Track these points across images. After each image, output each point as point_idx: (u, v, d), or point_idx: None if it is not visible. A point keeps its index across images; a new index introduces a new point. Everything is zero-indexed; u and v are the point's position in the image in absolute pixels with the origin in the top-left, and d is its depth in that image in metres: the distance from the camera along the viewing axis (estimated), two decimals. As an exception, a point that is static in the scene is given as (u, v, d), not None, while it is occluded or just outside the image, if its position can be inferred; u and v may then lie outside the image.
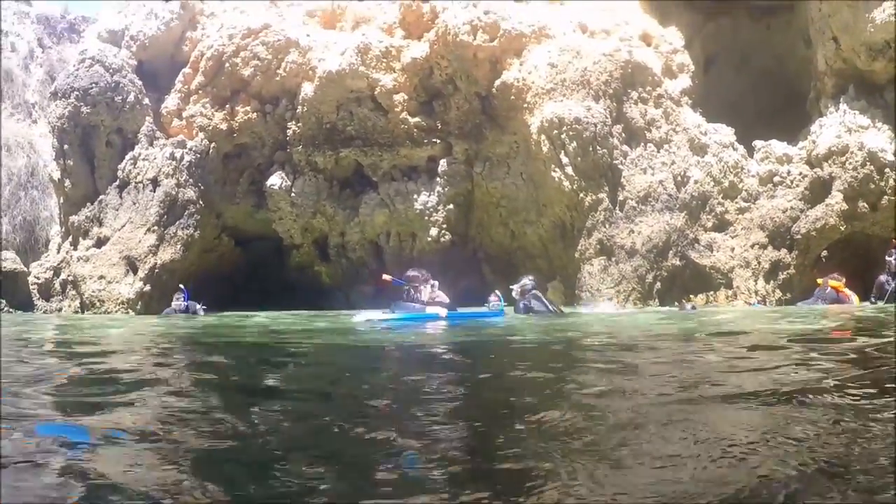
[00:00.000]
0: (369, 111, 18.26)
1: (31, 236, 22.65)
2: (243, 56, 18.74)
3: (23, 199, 23.07)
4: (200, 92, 18.97)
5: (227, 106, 18.88)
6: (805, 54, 17.84)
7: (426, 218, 17.97)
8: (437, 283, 12.74)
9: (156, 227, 18.03)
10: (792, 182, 17.06)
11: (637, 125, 17.27)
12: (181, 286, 16.36)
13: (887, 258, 14.92)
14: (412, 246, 18.22)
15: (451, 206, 17.95)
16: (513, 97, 17.39)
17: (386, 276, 13.18)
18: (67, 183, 18.62)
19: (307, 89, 18.40)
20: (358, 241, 18.54)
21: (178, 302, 15.84)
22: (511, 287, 13.88)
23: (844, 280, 14.79)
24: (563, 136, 16.57)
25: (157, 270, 17.93)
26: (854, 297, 14.60)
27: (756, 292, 16.88)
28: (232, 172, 19.23)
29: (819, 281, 14.95)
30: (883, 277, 14.86)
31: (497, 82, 17.59)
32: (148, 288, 17.77)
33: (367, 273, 18.43)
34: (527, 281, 13.61)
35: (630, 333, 8.34)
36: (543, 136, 16.83)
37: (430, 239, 17.97)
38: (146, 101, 18.91)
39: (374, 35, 18.45)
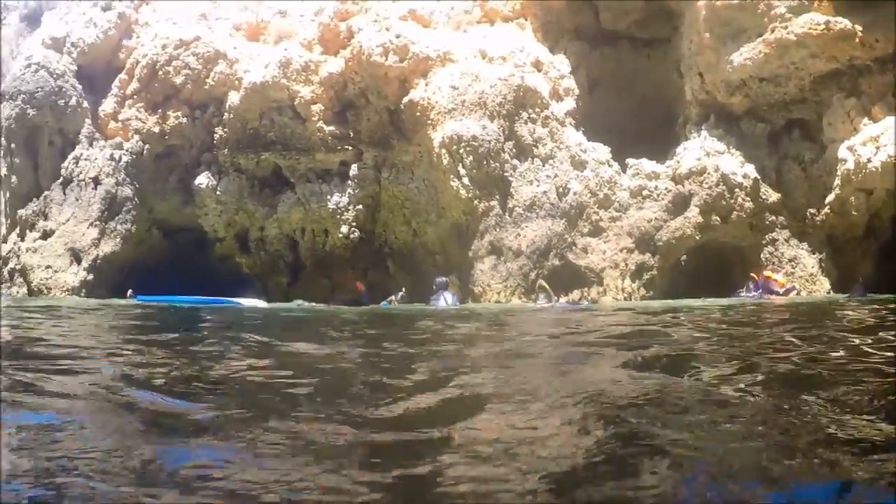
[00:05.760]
0: (289, 119, 20.23)
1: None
2: (175, 65, 20.52)
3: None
4: (135, 97, 20.76)
5: (160, 110, 20.70)
6: (679, 83, 20.15)
7: (338, 216, 20.15)
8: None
9: (98, 222, 20.09)
10: (658, 196, 19.54)
11: (526, 142, 19.53)
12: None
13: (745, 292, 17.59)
14: (325, 241, 20.42)
15: (360, 206, 20.12)
16: (418, 114, 19.49)
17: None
18: (14, 179, 20.53)
19: (233, 98, 20.30)
20: (276, 235, 20.63)
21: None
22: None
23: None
24: (461, 150, 18.80)
25: (98, 261, 20.08)
26: (794, 287, 17.44)
27: (623, 289, 19.53)
28: (163, 171, 21.12)
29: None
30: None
31: (405, 99, 19.64)
32: (91, 277, 19.98)
33: (283, 264, 20.71)
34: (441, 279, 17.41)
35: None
36: (444, 150, 19.03)
37: (340, 235, 20.19)
38: (85, 103, 20.71)
39: (295, 50, 20.31)
